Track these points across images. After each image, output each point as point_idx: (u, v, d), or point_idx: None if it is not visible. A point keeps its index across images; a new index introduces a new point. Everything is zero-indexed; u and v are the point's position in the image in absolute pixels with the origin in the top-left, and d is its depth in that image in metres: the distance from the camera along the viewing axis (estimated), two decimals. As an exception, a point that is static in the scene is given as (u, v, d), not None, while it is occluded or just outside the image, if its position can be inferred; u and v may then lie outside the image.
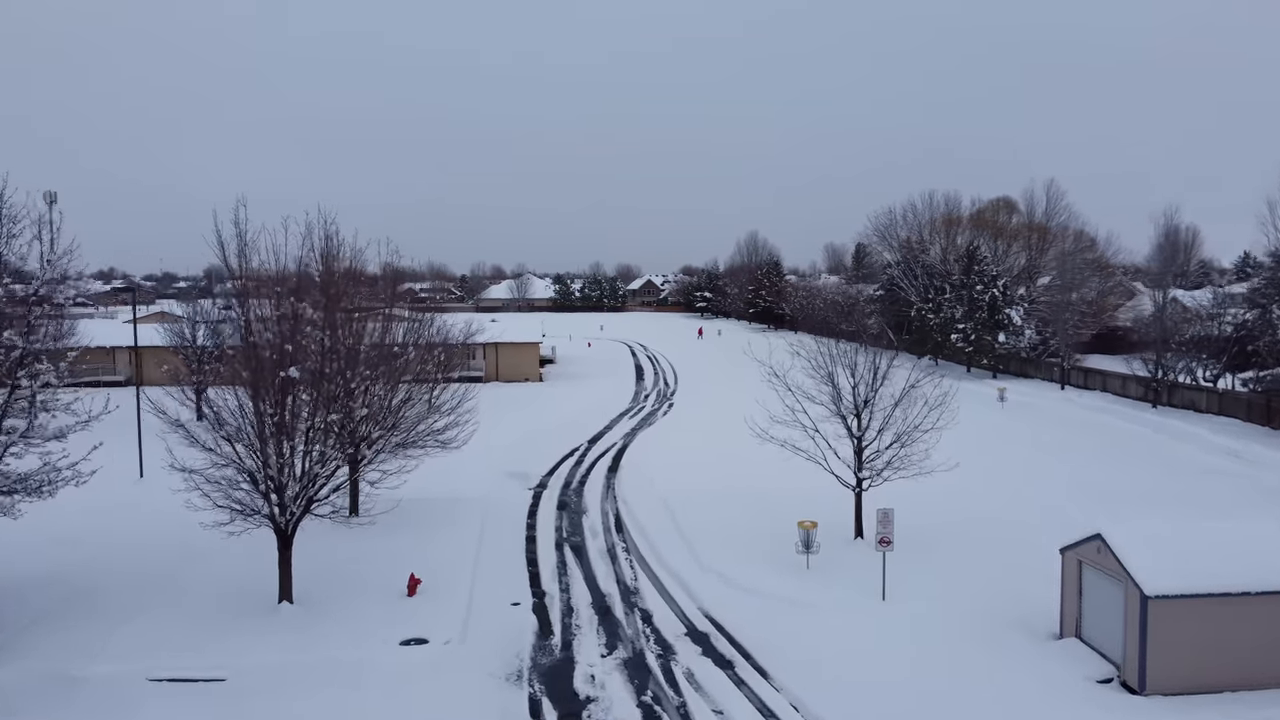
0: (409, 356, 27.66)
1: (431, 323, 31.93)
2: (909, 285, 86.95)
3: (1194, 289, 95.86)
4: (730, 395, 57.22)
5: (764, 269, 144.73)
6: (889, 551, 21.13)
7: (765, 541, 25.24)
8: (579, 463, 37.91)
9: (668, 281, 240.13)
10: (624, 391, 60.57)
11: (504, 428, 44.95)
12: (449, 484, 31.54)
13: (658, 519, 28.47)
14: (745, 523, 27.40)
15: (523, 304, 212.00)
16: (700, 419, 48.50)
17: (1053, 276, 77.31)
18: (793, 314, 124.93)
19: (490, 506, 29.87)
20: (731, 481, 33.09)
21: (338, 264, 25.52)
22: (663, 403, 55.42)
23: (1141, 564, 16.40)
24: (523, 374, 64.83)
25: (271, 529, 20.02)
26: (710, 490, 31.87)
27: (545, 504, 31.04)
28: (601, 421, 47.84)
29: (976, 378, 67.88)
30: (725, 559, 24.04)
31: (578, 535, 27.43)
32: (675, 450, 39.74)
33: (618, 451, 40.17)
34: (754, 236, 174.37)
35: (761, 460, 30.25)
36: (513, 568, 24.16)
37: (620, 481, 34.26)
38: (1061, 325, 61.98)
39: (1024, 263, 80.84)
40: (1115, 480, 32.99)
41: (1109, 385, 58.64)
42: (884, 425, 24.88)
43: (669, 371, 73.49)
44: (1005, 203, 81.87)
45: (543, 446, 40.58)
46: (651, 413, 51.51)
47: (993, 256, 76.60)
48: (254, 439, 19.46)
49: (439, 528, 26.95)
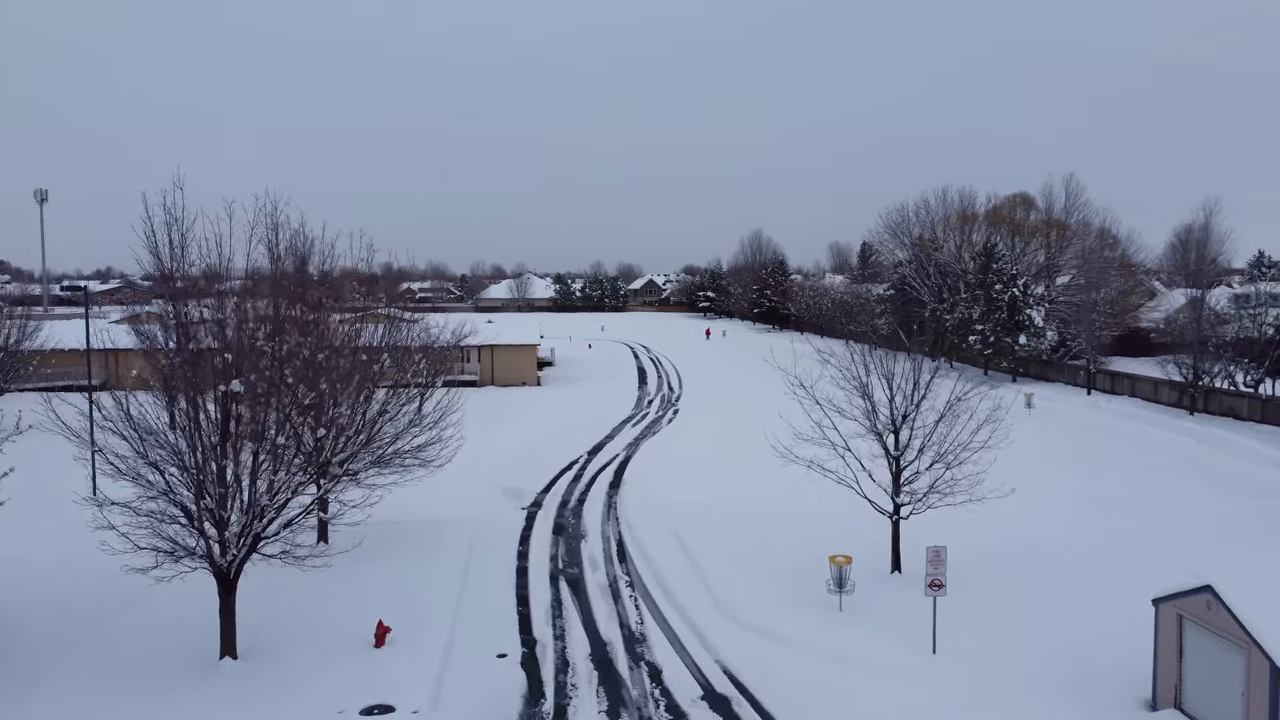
0: (383, 364, 24.49)
1: (412, 325, 28.58)
2: (921, 284, 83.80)
3: (1208, 288, 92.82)
4: (739, 401, 54.15)
5: (769, 268, 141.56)
6: (941, 596, 17.98)
7: (789, 575, 22.11)
8: (578, 477, 34.78)
9: (670, 281, 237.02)
10: (626, 397, 57.44)
11: (498, 437, 41.89)
12: (434, 503, 28.44)
13: (665, 545, 25.34)
14: (764, 550, 24.29)
15: (523, 304, 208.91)
16: (708, 427, 45.37)
17: (1073, 275, 74.24)
18: (799, 314, 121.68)
19: (479, 531, 26.75)
20: (746, 499, 29.99)
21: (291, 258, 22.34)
22: (667, 409, 52.27)
23: (1270, 627, 13.27)
24: (520, 378, 61.69)
25: (210, 572, 16.91)
26: (723, 510, 28.78)
27: (540, 527, 27.91)
28: (602, 430, 44.71)
29: (994, 381, 64.65)
30: (745, 598, 20.91)
31: (575, 566, 24.29)
32: (682, 463, 36.60)
33: (620, 464, 37.03)
34: (758, 235, 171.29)
35: (778, 475, 27.15)
36: (501, 608, 21.01)
37: (623, 499, 31.12)
38: (1087, 326, 58.80)
39: (1043, 260, 77.72)
40: (1172, 498, 29.85)
41: (1138, 390, 55.46)
42: (925, 444, 21.74)
43: (673, 375, 70.35)
44: (1023, 199, 78.77)
45: (539, 458, 37.46)
46: (655, 420, 48.37)
47: (1010, 254, 73.41)
48: (189, 464, 16.38)
49: (418, 558, 23.83)
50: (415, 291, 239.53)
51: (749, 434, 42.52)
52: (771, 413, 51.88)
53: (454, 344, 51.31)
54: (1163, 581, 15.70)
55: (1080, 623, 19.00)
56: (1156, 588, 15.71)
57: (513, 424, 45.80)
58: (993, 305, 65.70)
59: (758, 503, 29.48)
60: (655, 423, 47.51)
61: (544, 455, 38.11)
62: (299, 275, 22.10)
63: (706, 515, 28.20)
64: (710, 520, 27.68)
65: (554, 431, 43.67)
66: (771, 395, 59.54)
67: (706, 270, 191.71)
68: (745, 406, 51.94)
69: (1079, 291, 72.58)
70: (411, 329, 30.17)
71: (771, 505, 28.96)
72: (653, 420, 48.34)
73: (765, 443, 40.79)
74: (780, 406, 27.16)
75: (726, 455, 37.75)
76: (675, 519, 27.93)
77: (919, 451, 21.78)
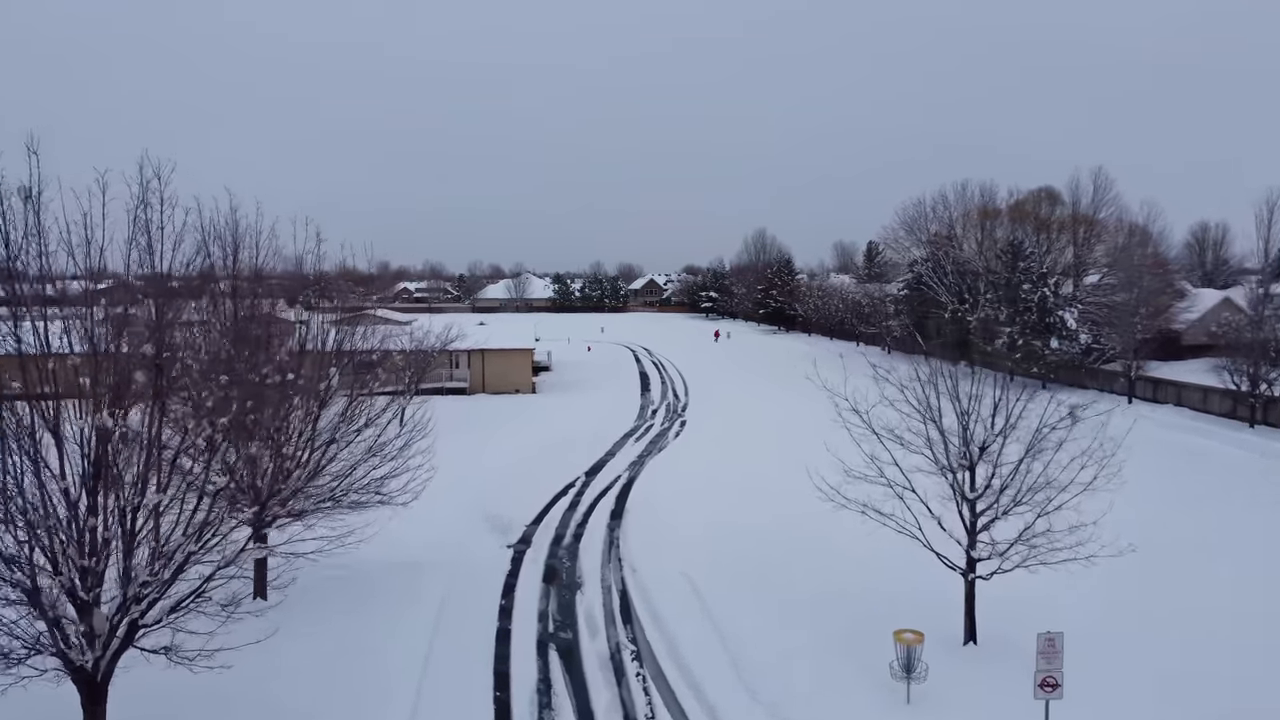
0: (331, 381, 20.01)
1: (380, 326, 24.11)
2: (939, 283, 79.35)
3: (1223, 289, 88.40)
4: (752, 409, 49.63)
5: (774, 267, 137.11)
6: (1054, 699, 13.48)
7: (838, 646, 17.66)
8: (574, 504, 30.30)
9: (671, 281, 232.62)
10: (628, 406, 52.93)
11: (486, 452, 37.45)
12: (404, 538, 24.00)
13: (679, 600, 20.87)
14: (803, 608, 19.83)
15: (521, 304, 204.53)
16: (719, 441, 40.88)
17: (1103, 274, 69.79)
18: (806, 315, 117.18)
19: (455, 577, 22.27)
20: (769, 529, 25.62)
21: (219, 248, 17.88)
22: (673, 420, 47.77)
23: None
24: (513, 384, 57.16)
25: (69, 676, 12.43)
26: (743, 544, 24.42)
27: (528, 572, 23.42)
28: (603, 445, 40.21)
29: (1018, 388, 60.15)
30: (785, 679, 16.43)
31: (569, 628, 19.81)
32: (692, 485, 32.11)
33: (623, 488, 32.53)
34: (762, 234, 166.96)
35: (803, 498, 22.69)
36: (472, 693, 16.53)
37: (626, 534, 26.64)
38: (1127, 328, 54.34)
39: (1069, 258, 73.21)
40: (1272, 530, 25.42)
41: (1185, 398, 51.02)
42: (1007, 484, 17.25)
43: (677, 380, 65.84)
44: (1048, 193, 74.17)
45: (531, 479, 33.00)
46: (661, 433, 43.87)
47: (1036, 252, 68.91)
48: (48, 530, 11.95)
49: (377, 617, 19.36)
50: (412, 291, 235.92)
51: (766, 448, 38.27)
52: (788, 420, 48.10)
53: (438, 349, 46.87)
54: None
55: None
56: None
57: (503, 437, 41.34)
58: (1021, 306, 61.21)
59: (784, 534, 25.11)
60: (661, 436, 43.01)
61: (537, 475, 33.65)
62: (205, 274, 17.58)
63: (724, 553, 23.81)
64: (729, 559, 23.31)
65: (548, 446, 39.20)
66: (788, 402, 55.64)
67: (709, 270, 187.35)
68: (760, 416, 47.54)
69: (1110, 291, 68.25)
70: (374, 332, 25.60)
71: (800, 537, 24.59)
72: (658, 433, 43.85)
73: (784, 458, 36.50)
74: (798, 415, 22.65)
75: (742, 474, 33.31)
76: (687, 558, 23.52)
77: (999, 492, 17.30)
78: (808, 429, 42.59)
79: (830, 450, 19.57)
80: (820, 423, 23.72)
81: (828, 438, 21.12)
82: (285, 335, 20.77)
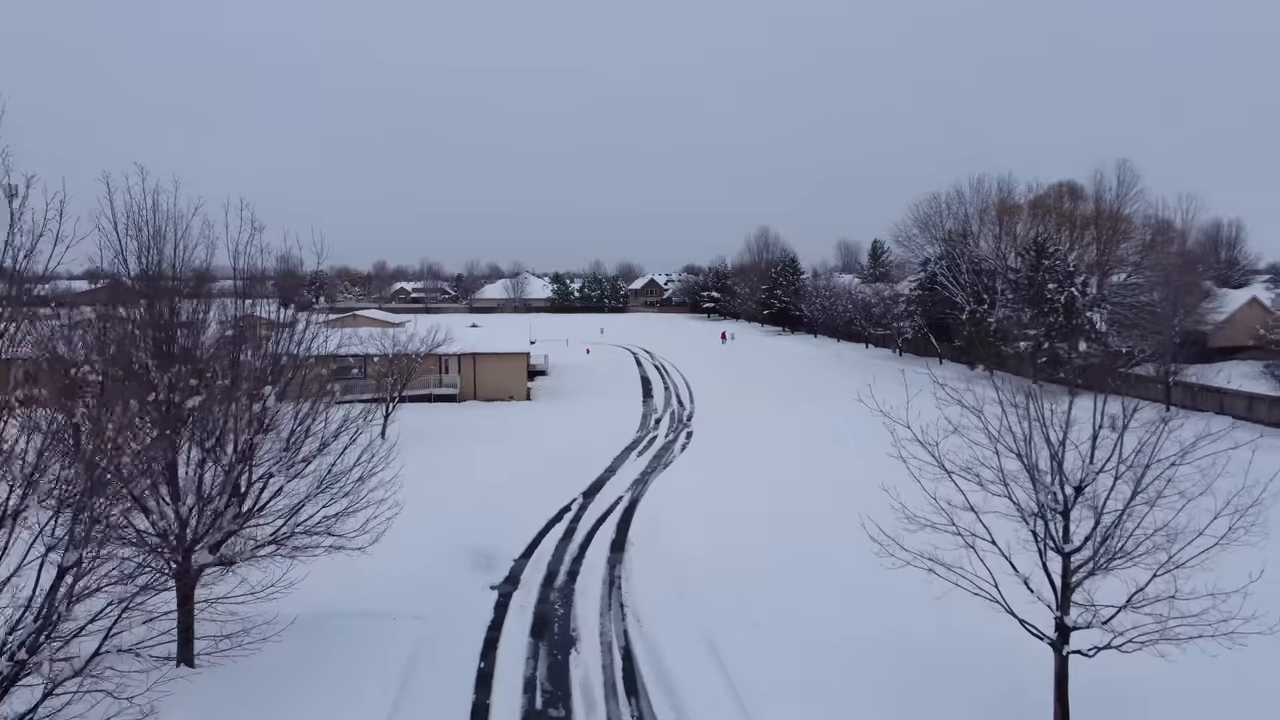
0: (265, 403, 16.41)
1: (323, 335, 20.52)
2: (954, 283, 75.79)
3: (1237, 288, 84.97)
4: (763, 417, 46.07)
5: (778, 267, 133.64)
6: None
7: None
8: (570, 532, 26.73)
9: (671, 281, 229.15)
10: (629, 414, 49.32)
11: (473, 470, 33.92)
12: (373, 578, 20.52)
13: (696, 663, 17.30)
14: (846, 671, 16.28)
15: (519, 304, 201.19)
16: (731, 455, 37.34)
17: (1129, 273, 66.24)
18: (812, 316, 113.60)
19: (426, 632, 18.70)
20: (801, 573, 22.04)
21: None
22: (679, 430, 44.18)
23: None
24: (506, 391, 53.56)
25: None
26: (769, 589, 20.88)
27: (514, 623, 19.82)
28: (602, 460, 36.62)
29: (1045, 395, 56.61)
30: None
31: (561, 703, 16.21)
32: (704, 511, 28.56)
33: (624, 512, 28.96)
34: (765, 233, 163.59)
35: (841, 530, 19.19)
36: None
37: (629, 572, 23.05)
38: (1164, 330, 50.80)
39: (1092, 256, 69.63)
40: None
41: (1227, 406, 47.44)
42: (1108, 533, 13.63)
43: (681, 385, 62.26)
44: (1069, 188, 70.59)
45: (522, 502, 29.46)
46: (666, 446, 40.27)
47: (1060, 250, 65.30)
48: None
49: (324, 693, 15.77)
50: (409, 291, 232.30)
51: (785, 464, 34.47)
52: (806, 431, 44.38)
53: (423, 353, 43.33)
54: None
55: None
56: None
57: (493, 450, 37.77)
58: (1048, 307, 57.62)
59: (814, 574, 21.61)
60: (666, 449, 39.40)
61: (529, 496, 30.11)
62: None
63: (745, 597, 20.28)
64: (751, 603, 19.83)
65: (543, 461, 35.66)
66: (804, 410, 51.44)
67: (710, 270, 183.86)
68: (773, 426, 44.00)
69: (1136, 291, 64.72)
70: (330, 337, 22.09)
71: (836, 573, 21.10)
72: (663, 446, 40.24)
73: (809, 476, 32.71)
74: (816, 425, 19.03)
75: (760, 495, 29.77)
76: (701, 604, 20.05)
77: (1100, 543, 13.68)
78: (827, 441, 39.66)
79: (889, 492, 15.89)
80: (841, 435, 20.24)
81: (861, 458, 17.57)
82: (249, 341, 17.21)
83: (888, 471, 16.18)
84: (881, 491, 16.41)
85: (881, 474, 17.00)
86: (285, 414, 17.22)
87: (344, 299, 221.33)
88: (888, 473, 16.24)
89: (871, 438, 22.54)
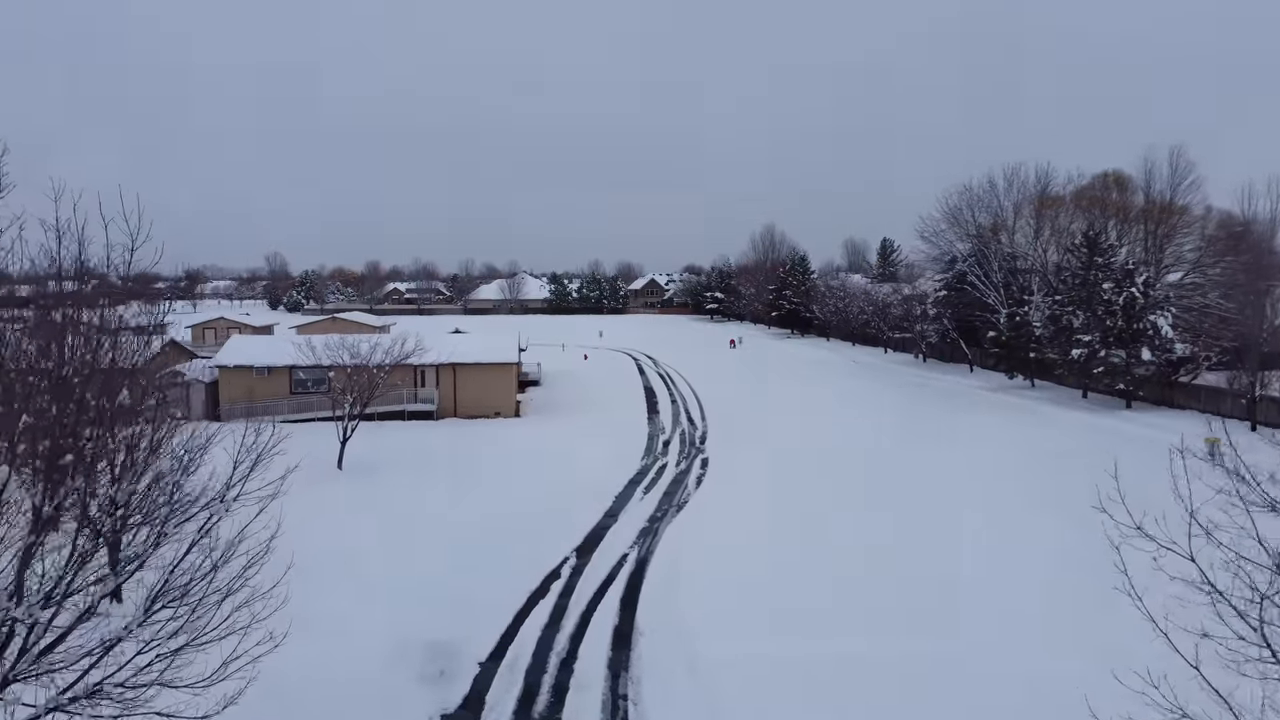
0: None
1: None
2: (985, 283, 69.22)
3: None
4: (793, 439, 39.18)
5: (787, 266, 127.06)
6: None
7: None
8: (558, 615, 20.04)
9: (672, 281, 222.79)
10: (632, 435, 42.60)
11: (438, 517, 27.25)
12: (275, 698, 13.79)
13: None
14: None
15: (515, 305, 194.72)
16: (761, 492, 30.69)
17: (1186, 271, 59.67)
18: (824, 318, 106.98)
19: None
20: (901, 676, 15.38)
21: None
22: (691, 456, 37.48)
23: None
24: (492, 407, 46.86)
25: None
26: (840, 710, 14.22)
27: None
28: (600, 499, 29.91)
29: (1102, 408, 50.05)
30: None
31: None
32: (738, 577, 21.94)
33: (630, 581, 22.27)
34: (770, 231, 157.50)
35: (970, 604, 12.57)
36: None
37: (640, 688, 16.37)
38: (1250, 336, 44.23)
39: (1141, 253, 63.01)
40: None
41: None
42: None
43: (689, 397, 55.56)
44: (1116, 178, 64.02)
45: (496, 565, 22.87)
46: (678, 479, 33.54)
47: (1113, 245, 58.63)
48: None
49: None
50: (403, 292, 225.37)
51: (838, 502, 27.47)
52: (851, 454, 37.48)
53: (387, 365, 36.69)
54: None
55: None
56: None
57: (467, 488, 31.13)
58: (1105, 310, 50.96)
59: (901, 669, 14.93)
60: (678, 484, 32.68)
61: (506, 556, 23.51)
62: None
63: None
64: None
65: (528, 503, 29.02)
66: (842, 425, 43.21)
67: (714, 269, 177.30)
68: (807, 449, 37.26)
69: (1194, 291, 58.17)
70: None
71: (934, 668, 14.45)
72: (674, 478, 33.51)
73: (895, 523, 26.23)
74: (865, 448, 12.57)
75: (810, 549, 23.11)
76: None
77: None
78: (886, 476, 31.64)
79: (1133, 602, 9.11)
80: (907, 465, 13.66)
81: (969, 503, 10.88)
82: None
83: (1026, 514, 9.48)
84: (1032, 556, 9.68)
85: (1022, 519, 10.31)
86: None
87: (335, 300, 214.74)
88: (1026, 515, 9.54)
89: (962, 474, 15.96)
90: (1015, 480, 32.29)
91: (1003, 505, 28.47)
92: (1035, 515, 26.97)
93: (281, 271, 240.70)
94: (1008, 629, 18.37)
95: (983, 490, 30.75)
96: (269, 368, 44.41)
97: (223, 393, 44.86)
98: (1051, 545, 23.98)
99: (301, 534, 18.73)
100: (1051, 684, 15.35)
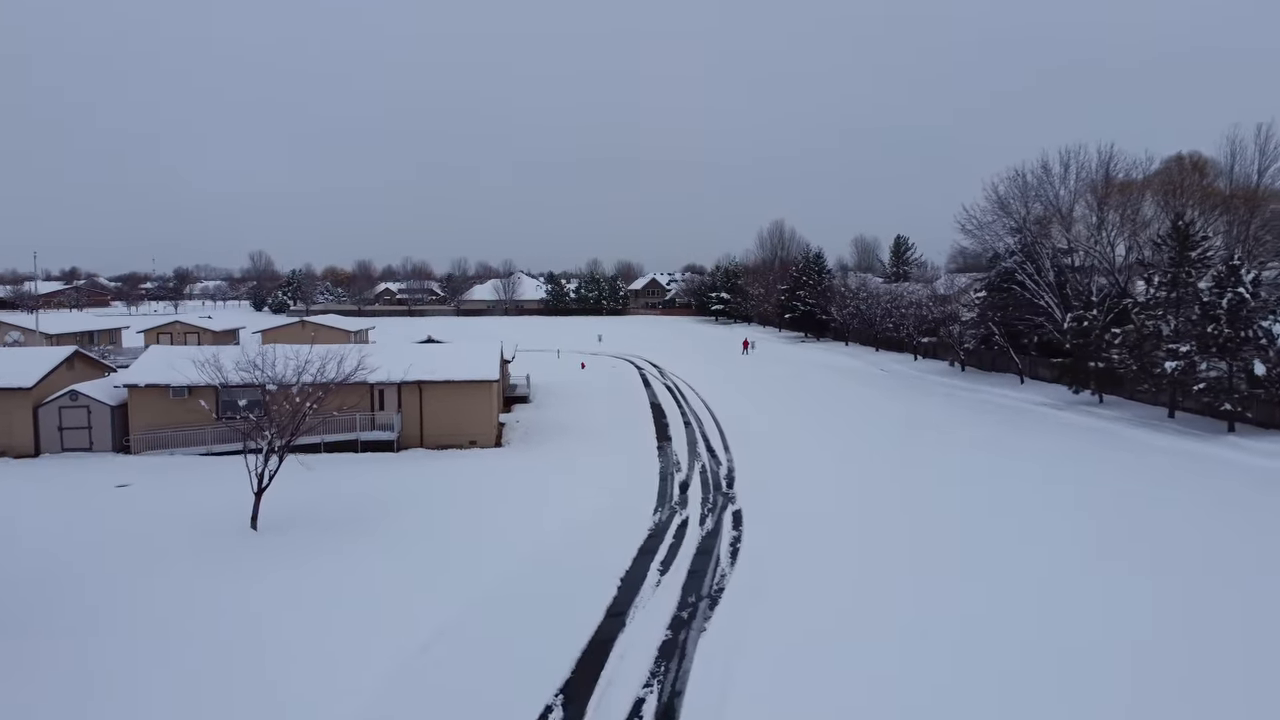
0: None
1: None
2: (1038, 283, 60.74)
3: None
4: (851, 480, 29.83)
5: (800, 264, 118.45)
6: None
7: None
8: None
9: (674, 281, 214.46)
10: (640, 473, 33.85)
11: (363, 628, 18.50)
12: None
13: None
14: None
15: (510, 306, 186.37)
16: (812, 562, 21.98)
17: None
18: (843, 320, 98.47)
19: None
20: None
21: None
22: (719, 507, 28.79)
23: None
24: (466, 435, 38.29)
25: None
26: None
27: None
28: (599, 587, 21.15)
29: (1197, 431, 41.50)
30: None
31: None
32: (805, 709, 13.34)
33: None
34: (779, 227, 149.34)
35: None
36: None
37: None
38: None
39: (1221, 245, 54.60)
40: None
41: None
42: None
43: (706, 419, 46.94)
44: (1194, 161, 55.60)
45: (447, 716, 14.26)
46: (705, 547, 24.72)
47: (1207, 237, 50.13)
48: None
49: None
50: (394, 292, 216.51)
51: (894, 556, 17.28)
52: (949, 499, 27.44)
53: (334, 382, 28.19)
54: None
55: None
56: None
57: (413, 563, 22.48)
58: (1202, 314, 42.49)
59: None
60: (706, 555, 23.90)
61: (458, 704, 14.91)
62: None
63: None
64: None
65: (495, 596, 20.42)
66: (919, 461, 34.12)
67: (719, 268, 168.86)
68: (858, 480, 28.22)
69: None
70: None
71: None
72: (699, 546, 24.72)
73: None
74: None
75: (898, 646, 14.48)
76: None
77: None
78: (976, 531, 19.37)
79: None
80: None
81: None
82: None
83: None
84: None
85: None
86: None
87: (324, 300, 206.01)
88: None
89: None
90: (1136, 534, 23.61)
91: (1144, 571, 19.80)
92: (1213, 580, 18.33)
93: (267, 271, 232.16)
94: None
95: (1097, 545, 22.06)
96: (188, 387, 35.83)
97: (133, 419, 36.29)
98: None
99: (165, 639, 10.19)
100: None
